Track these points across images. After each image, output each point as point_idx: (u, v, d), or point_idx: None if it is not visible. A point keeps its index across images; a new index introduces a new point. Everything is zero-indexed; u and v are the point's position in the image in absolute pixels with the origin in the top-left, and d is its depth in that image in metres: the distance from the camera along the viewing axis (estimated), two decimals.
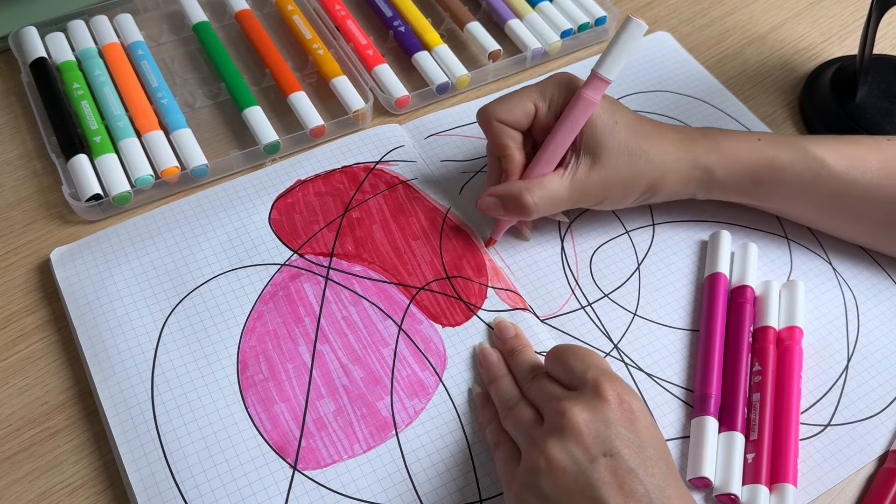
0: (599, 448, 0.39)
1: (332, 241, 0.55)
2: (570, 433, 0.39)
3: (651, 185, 0.52)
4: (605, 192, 0.51)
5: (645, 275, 0.55)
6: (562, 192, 0.51)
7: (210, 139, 0.61)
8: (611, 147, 0.51)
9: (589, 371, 0.42)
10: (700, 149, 0.52)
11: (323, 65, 0.64)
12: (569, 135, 0.50)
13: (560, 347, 0.45)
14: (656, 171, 0.51)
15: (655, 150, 0.51)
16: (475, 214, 0.57)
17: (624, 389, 0.41)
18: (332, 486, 0.45)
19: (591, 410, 0.40)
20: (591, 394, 0.41)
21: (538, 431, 0.41)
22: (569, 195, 0.51)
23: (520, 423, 0.43)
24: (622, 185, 0.51)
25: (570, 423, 0.39)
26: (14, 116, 0.62)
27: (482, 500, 0.45)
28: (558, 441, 0.39)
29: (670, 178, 0.52)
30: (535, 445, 0.40)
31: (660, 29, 0.71)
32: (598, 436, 0.39)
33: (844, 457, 0.48)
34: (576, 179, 0.51)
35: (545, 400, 0.43)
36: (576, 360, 0.43)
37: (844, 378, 0.51)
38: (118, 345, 0.49)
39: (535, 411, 0.44)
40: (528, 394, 0.45)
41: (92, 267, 0.52)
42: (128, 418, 0.46)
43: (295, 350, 0.50)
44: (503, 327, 0.51)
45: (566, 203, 0.51)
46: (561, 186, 0.51)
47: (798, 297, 0.52)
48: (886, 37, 0.72)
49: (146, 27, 0.67)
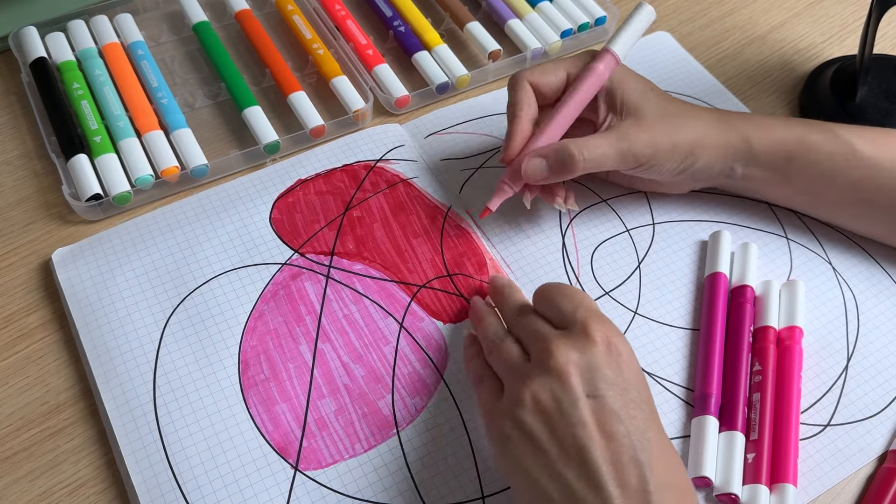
0: (584, 389, 0.39)
1: (332, 240, 0.55)
2: (556, 373, 0.40)
3: (692, 147, 0.52)
4: (653, 151, 0.51)
5: (645, 273, 0.55)
6: (608, 144, 0.50)
7: (210, 139, 0.61)
8: (651, 110, 0.51)
9: (578, 311, 0.42)
10: (737, 119, 0.53)
11: (323, 65, 0.64)
12: (578, 105, 0.51)
13: (548, 285, 0.45)
14: (697, 132, 0.52)
15: (696, 117, 0.52)
16: (476, 213, 0.57)
17: (612, 331, 0.42)
18: (334, 486, 0.45)
19: (578, 351, 0.40)
20: (579, 334, 0.41)
21: (524, 368, 0.42)
22: (616, 149, 0.51)
23: (505, 358, 0.44)
24: (669, 146, 0.51)
25: (557, 363, 0.40)
26: (14, 116, 0.62)
27: (484, 497, 0.45)
28: (543, 380, 0.40)
29: (710, 143, 0.52)
30: (521, 381, 0.41)
31: (660, 29, 0.72)
32: (583, 377, 0.40)
33: (844, 456, 0.48)
34: (621, 134, 0.51)
35: (532, 337, 0.43)
36: (565, 299, 0.44)
37: (844, 378, 0.51)
38: (120, 345, 0.49)
39: (521, 348, 0.44)
40: (514, 330, 0.46)
41: (93, 268, 0.52)
42: (130, 419, 0.46)
43: (296, 349, 0.50)
44: (496, 276, 0.52)
45: (613, 157, 0.51)
46: (606, 140, 0.51)
47: (798, 297, 0.53)
48: (886, 37, 0.73)
49: (146, 27, 0.67)
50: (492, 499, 0.45)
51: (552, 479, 0.38)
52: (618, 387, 0.40)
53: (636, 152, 0.51)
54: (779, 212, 0.59)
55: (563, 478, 0.38)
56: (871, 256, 0.57)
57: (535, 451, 0.39)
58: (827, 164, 0.53)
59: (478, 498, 0.45)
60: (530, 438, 0.40)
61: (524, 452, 0.40)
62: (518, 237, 0.56)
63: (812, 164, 0.53)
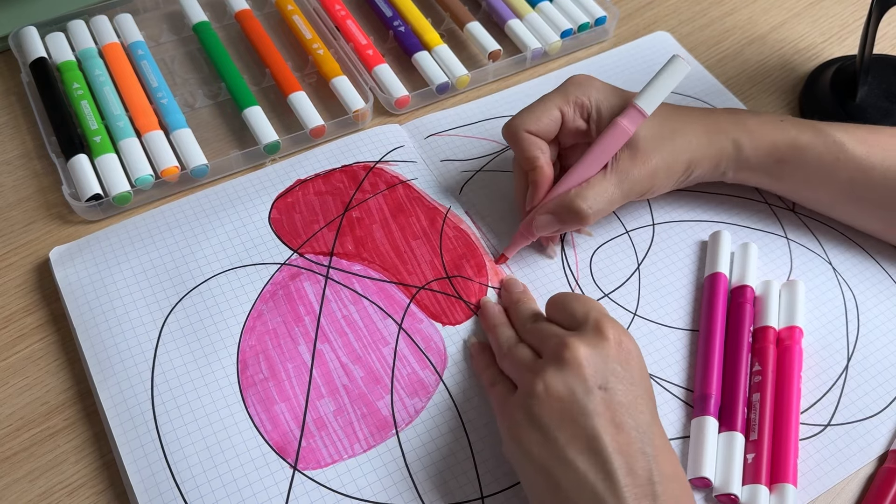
0: (596, 381, 0.41)
1: (332, 241, 0.55)
2: (571, 364, 0.41)
3: (689, 163, 0.52)
4: (653, 181, 0.52)
5: (645, 275, 0.55)
6: (612, 190, 0.51)
7: (210, 139, 0.61)
8: (647, 137, 0.51)
9: (591, 312, 0.44)
10: (728, 124, 0.54)
11: (323, 65, 0.64)
12: (601, 160, 0.50)
13: (560, 294, 0.47)
14: (692, 148, 0.52)
15: (688, 130, 0.52)
16: (475, 214, 0.57)
17: (622, 332, 0.43)
18: (333, 486, 0.45)
19: (591, 346, 0.42)
20: (592, 332, 0.43)
21: (538, 363, 0.43)
22: (620, 191, 0.51)
23: (518, 360, 0.45)
24: (666, 169, 0.52)
25: (572, 355, 0.41)
26: (14, 116, 0.62)
27: (483, 497, 0.45)
28: (558, 371, 0.41)
29: (705, 154, 0.53)
30: (534, 374, 0.42)
31: (660, 29, 0.72)
32: (596, 370, 0.41)
33: (844, 457, 0.48)
34: (621, 175, 0.51)
35: (546, 337, 0.44)
36: (577, 303, 0.45)
37: (844, 378, 0.51)
38: (118, 344, 0.49)
39: (532, 351, 0.45)
40: (526, 336, 0.47)
41: (91, 266, 0.52)
42: (128, 418, 0.46)
43: (295, 349, 0.50)
44: (512, 282, 0.52)
45: (619, 200, 0.51)
46: (609, 185, 0.50)
47: (798, 297, 0.52)
48: (886, 37, 0.72)
49: (146, 27, 0.67)
50: (491, 499, 0.45)
51: (562, 465, 0.39)
52: (627, 382, 0.41)
53: (639, 189, 0.52)
54: (779, 212, 0.59)
55: (573, 465, 0.39)
56: (871, 256, 0.57)
57: (545, 438, 0.40)
58: (818, 165, 0.53)
59: (477, 498, 0.45)
60: (541, 426, 0.41)
61: (534, 440, 0.41)
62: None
63: (803, 165, 0.53)
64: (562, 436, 0.40)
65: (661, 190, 0.53)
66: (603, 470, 0.38)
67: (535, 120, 0.52)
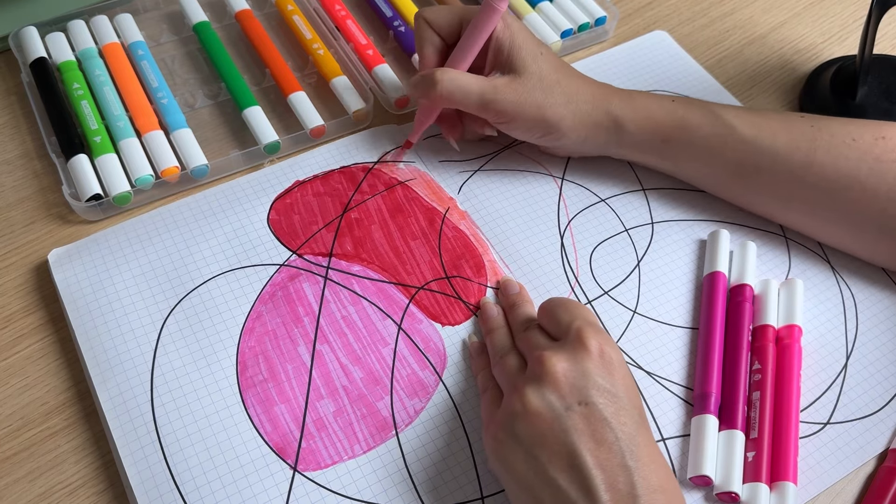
0: (575, 396, 0.40)
1: (330, 242, 0.55)
2: (548, 381, 0.41)
3: (557, 124, 0.54)
4: (515, 113, 0.53)
5: (644, 272, 0.55)
6: (473, 86, 0.53)
7: (210, 139, 0.61)
8: (531, 71, 0.53)
9: (574, 321, 0.44)
10: (614, 99, 0.55)
11: (323, 65, 0.64)
12: (476, 41, 0.53)
13: (551, 300, 0.47)
14: (568, 107, 0.54)
15: (572, 88, 0.54)
16: (474, 214, 0.57)
17: (605, 340, 0.43)
18: (333, 487, 0.45)
19: (570, 360, 0.42)
20: (573, 343, 0.42)
21: (520, 378, 0.43)
22: (479, 93, 0.53)
23: (505, 370, 0.45)
24: (535, 109, 0.53)
25: (549, 371, 0.41)
26: (14, 116, 0.62)
27: (483, 497, 0.45)
28: (536, 388, 0.41)
29: (581, 120, 0.54)
30: (515, 390, 0.42)
31: (659, 28, 0.71)
32: (574, 385, 0.41)
33: (844, 454, 0.48)
34: (492, 88, 0.53)
35: (530, 349, 0.45)
36: (563, 311, 0.45)
37: (843, 376, 0.51)
38: (117, 346, 0.49)
39: (522, 360, 0.45)
40: (518, 344, 0.47)
41: (90, 268, 0.52)
42: (127, 420, 0.46)
43: (294, 350, 0.50)
44: (508, 283, 0.52)
45: (474, 99, 0.53)
46: (475, 81, 0.53)
47: (797, 296, 0.53)
48: (886, 37, 0.72)
49: (146, 27, 0.67)
50: (491, 499, 0.45)
51: (544, 483, 0.39)
52: (609, 394, 0.41)
53: (498, 108, 0.53)
54: None
55: (555, 483, 0.39)
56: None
57: (526, 456, 0.40)
58: (705, 145, 0.54)
59: (477, 499, 0.45)
60: (522, 444, 0.41)
61: (517, 458, 0.41)
62: (517, 237, 0.56)
63: (689, 144, 0.54)
64: (543, 454, 0.40)
65: (520, 132, 0.55)
66: (583, 487, 0.38)
67: (435, 13, 0.56)
